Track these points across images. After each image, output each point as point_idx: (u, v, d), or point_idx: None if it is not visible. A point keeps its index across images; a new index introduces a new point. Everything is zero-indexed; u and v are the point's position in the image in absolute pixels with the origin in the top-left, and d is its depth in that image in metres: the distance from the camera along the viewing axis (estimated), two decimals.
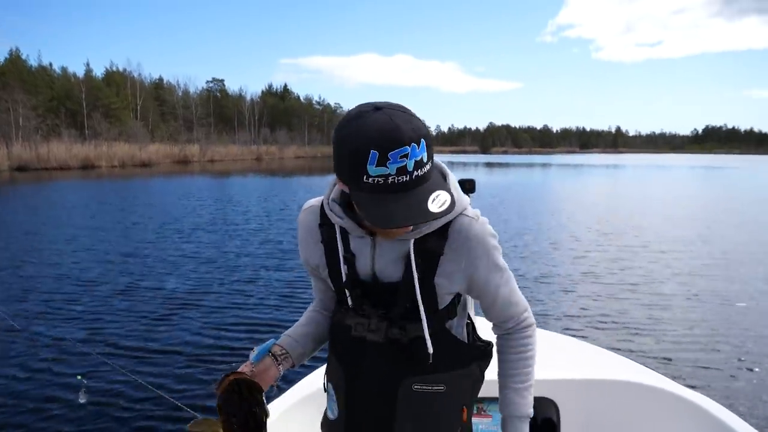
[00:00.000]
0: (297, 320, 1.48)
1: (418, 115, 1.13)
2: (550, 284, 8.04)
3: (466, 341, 1.39)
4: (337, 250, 1.29)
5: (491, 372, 1.43)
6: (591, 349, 3.03)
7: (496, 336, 1.44)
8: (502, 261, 1.31)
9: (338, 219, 1.26)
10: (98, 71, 74.52)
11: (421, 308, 1.24)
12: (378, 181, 1.05)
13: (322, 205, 1.33)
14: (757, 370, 5.05)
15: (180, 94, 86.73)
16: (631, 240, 12.00)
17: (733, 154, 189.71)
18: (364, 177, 1.05)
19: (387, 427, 1.32)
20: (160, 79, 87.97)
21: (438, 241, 1.23)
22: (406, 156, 1.04)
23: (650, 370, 2.65)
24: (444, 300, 1.28)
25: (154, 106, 76.48)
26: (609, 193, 27.90)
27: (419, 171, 1.07)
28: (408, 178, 1.05)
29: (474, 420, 2.32)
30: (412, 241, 1.22)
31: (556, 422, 2.50)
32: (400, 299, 1.25)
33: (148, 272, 8.73)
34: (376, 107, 1.08)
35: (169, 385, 4.65)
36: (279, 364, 1.34)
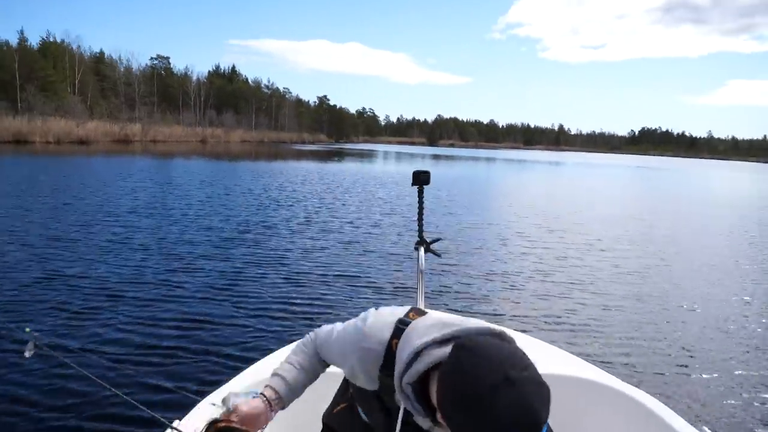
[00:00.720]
0: (232, 316, 1.55)
1: (367, 103, 1.07)
2: (496, 280, 8.22)
3: None
4: (390, 410, 1.30)
5: None
6: (534, 343, 3.08)
7: None
8: None
9: (407, 402, 1.20)
10: (33, 41, 70.73)
11: None
12: None
13: (386, 352, 1.26)
14: (695, 367, 5.34)
15: (122, 70, 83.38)
16: (574, 237, 12.46)
17: (666, 155, 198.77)
18: None
19: None
20: (101, 53, 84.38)
21: None
22: None
23: (591, 365, 2.69)
24: None
25: (94, 81, 73.21)
26: (552, 190, 28.87)
27: None
28: None
29: None
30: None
31: None
32: None
33: (75, 258, 8.16)
34: (508, 378, 0.96)
35: (93, 384, 4.69)
36: (272, 410, 1.34)
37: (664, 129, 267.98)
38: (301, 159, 44.70)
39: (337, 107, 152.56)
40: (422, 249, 2.89)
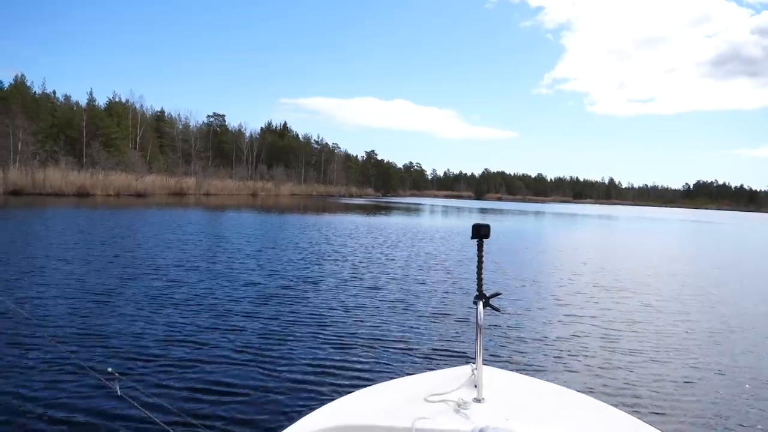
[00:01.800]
0: (265, 381, 1.46)
1: (414, 158, 1.09)
2: (554, 337, 7.94)
3: None
4: None
5: (490, 421, 1.27)
6: (595, 404, 2.95)
7: None
8: None
9: None
10: (101, 101, 75.25)
11: None
12: None
13: None
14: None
15: (180, 127, 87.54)
16: (633, 296, 11.95)
17: (724, 209, 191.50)
18: None
19: None
20: (162, 112, 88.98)
21: None
22: None
23: (653, 428, 2.57)
24: None
25: (154, 138, 76.99)
26: (605, 244, 27.95)
27: None
28: None
29: None
30: None
31: None
32: None
33: (109, 312, 8.16)
34: None
35: None
36: None
37: (720, 182, 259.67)
38: (349, 212, 45.12)
39: (384, 161, 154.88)
40: (481, 304, 2.79)
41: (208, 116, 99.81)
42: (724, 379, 6.45)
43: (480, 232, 2.86)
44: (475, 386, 2.68)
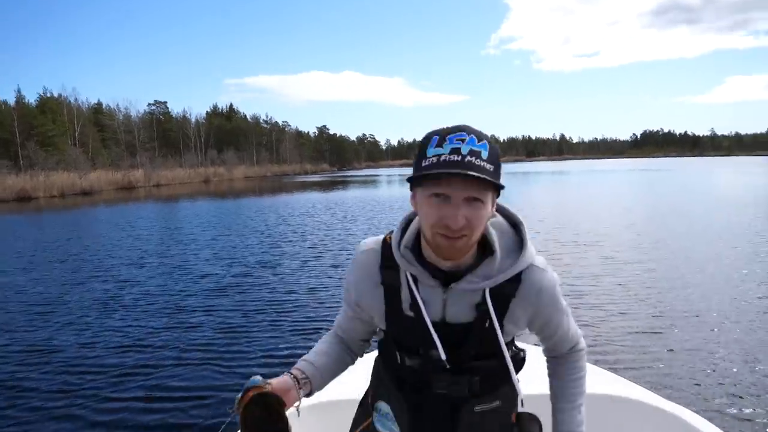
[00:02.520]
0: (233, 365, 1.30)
1: (366, 129, 1.08)
2: None
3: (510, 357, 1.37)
4: (399, 294, 1.31)
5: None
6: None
7: (547, 357, 1.56)
8: (564, 302, 1.39)
9: (410, 266, 1.29)
10: (31, 98, 71.56)
11: (505, 350, 1.31)
12: (432, 160, 1.13)
13: (382, 247, 1.35)
14: (739, 382, 4.99)
15: (121, 118, 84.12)
16: (595, 250, 12.03)
17: (670, 156, 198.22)
18: (423, 162, 1.15)
19: None
20: (99, 104, 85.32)
21: (511, 286, 1.28)
22: (462, 141, 1.14)
23: (632, 383, 2.62)
24: (507, 339, 1.33)
25: (94, 132, 73.74)
26: (560, 200, 28.38)
27: (473, 158, 1.12)
28: (459, 159, 1.12)
29: None
30: (487, 290, 1.26)
31: None
32: (471, 340, 1.29)
33: (66, 322, 7.73)
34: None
35: None
36: (300, 388, 1.31)
37: (666, 130, 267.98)
38: (305, 190, 44.48)
39: (337, 135, 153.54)
40: None
41: (149, 104, 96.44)
42: (689, 326, 6.47)
43: None
44: None
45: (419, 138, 1.28)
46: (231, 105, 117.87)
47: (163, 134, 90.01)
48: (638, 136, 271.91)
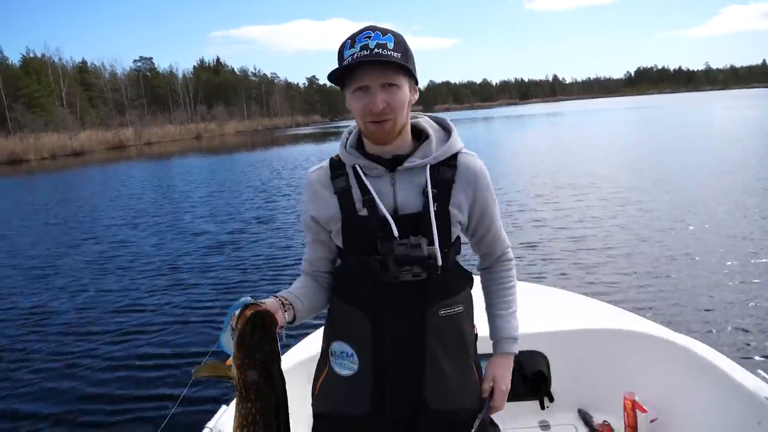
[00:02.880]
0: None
1: None
2: (525, 240, 8.04)
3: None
4: (351, 195, 1.42)
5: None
6: (576, 298, 3.04)
7: (480, 270, 1.64)
8: (495, 197, 1.52)
9: (356, 159, 1.43)
10: (14, 59, 69.96)
11: (433, 222, 1.37)
12: (348, 60, 1.30)
13: (329, 163, 1.50)
14: (739, 309, 5.13)
15: (107, 76, 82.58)
16: (591, 191, 12.03)
17: (665, 93, 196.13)
18: (342, 63, 1.32)
19: (419, 356, 1.43)
20: (84, 63, 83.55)
21: (449, 171, 1.42)
22: (369, 38, 1.30)
23: (637, 315, 2.62)
24: (455, 231, 1.44)
25: (81, 92, 72.45)
26: (554, 144, 28.24)
27: (380, 50, 1.28)
28: (368, 53, 1.28)
29: None
30: (428, 168, 1.40)
31: (547, 374, 2.53)
32: (419, 226, 1.37)
33: (62, 285, 7.76)
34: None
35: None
36: (284, 311, 1.35)
37: (660, 66, 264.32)
38: (298, 143, 44.13)
39: (328, 86, 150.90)
40: None
41: (135, 61, 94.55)
42: (692, 263, 6.57)
43: None
44: None
45: None
46: (218, 58, 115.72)
47: (151, 91, 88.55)
48: (632, 74, 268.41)
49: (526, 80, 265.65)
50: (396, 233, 1.36)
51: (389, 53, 1.28)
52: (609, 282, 6.08)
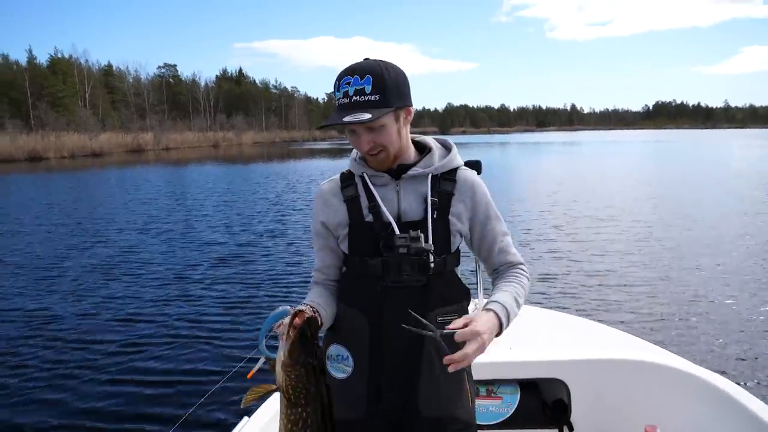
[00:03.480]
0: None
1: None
2: (548, 267, 8.13)
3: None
4: (359, 203, 1.51)
5: (495, 354, 1.58)
6: (598, 327, 3.01)
7: (492, 277, 1.62)
8: (499, 214, 1.58)
9: (364, 168, 1.53)
10: (42, 59, 71.36)
11: (430, 226, 1.46)
12: (335, 104, 1.42)
13: (341, 176, 1.60)
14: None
15: (131, 80, 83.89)
16: (614, 223, 12.01)
17: (682, 128, 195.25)
18: (335, 100, 1.43)
19: (416, 361, 1.49)
20: (109, 66, 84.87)
21: (449, 184, 1.53)
22: (348, 84, 1.38)
23: (659, 347, 2.61)
24: (455, 241, 1.52)
25: (104, 94, 73.67)
26: (572, 173, 28.11)
27: (359, 97, 1.37)
28: (348, 100, 1.38)
29: (484, 402, 2.46)
30: (429, 177, 1.51)
31: (567, 403, 2.50)
32: (422, 232, 1.44)
33: (67, 290, 7.63)
34: (365, 58, 1.44)
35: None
36: (318, 314, 1.41)
37: (678, 102, 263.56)
38: (314, 157, 44.36)
39: None
40: None
41: (159, 67, 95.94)
42: (716, 302, 6.48)
43: (471, 168, 2.70)
44: None
45: (429, 106, 1.56)
46: (240, 69, 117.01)
47: (173, 97, 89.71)
48: (650, 108, 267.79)
49: (544, 108, 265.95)
50: (397, 231, 1.45)
51: (367, 98, 1.37)
52: (629, 313, 6.12)
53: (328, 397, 1.26)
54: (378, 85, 1.37)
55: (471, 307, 2.46)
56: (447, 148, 1.61)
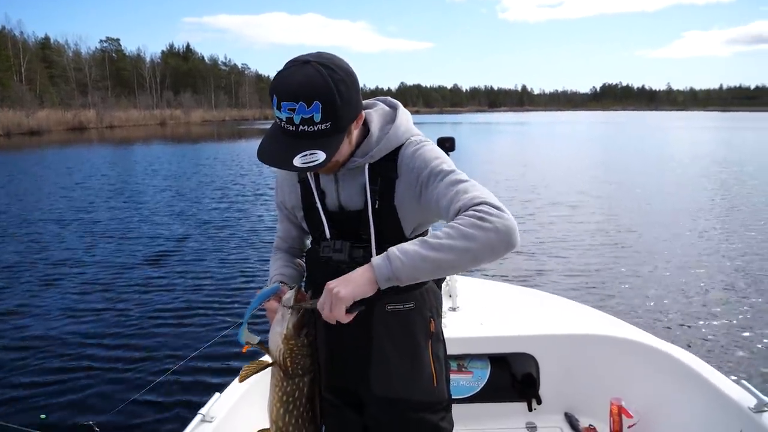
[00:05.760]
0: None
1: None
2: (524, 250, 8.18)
3: None
4: (311, 187, 1.45)
5: (466, 329, 1.60)
6: (567, 303, 3.08)
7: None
8: (446, 167, 1.32)
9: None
10: None
11: (371, 220, 1.38)
12: (276, 120, 1.27)
13: None
14: (715, 311, 5.43)
15: (71, 54, 79.95)
16: (561, 197, 12.43)
17: (628, 110, 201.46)
18: (275, 113, 1.26)
19: (365, 347, 1.47)
20: (47, 39, 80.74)
21: (391, 167, 1.38)
22: (293, 110, 1.21)
23: (626, 323, 2.67)
24: (408, 226, 1.40)
25: (41, 68, 69.90)
26: (524, 153, 28.55)
27: (307, 127, 1.22)
28: (293, 129, 1.23)
29: (455, 376, 2.39)
30: (367, 167, 1.38)
31: (535, 377, 2.58)
32: (362, 223, 1.38)
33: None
34: (306, 61, 1.23)
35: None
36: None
37: (624, 84, 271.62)
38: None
39: None
40: None
41: (101, 41, 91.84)
42: (676, 274, 6.72)
43: (445, 146, 2.67)
44: (450, 296, 2.80)
45: (383, 85, 1.36)
46: (188, 45, 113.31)
47: (116, 73, 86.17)
48: (598, 89, 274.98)
49: (496, 88, 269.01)
50: (328, 234, 1.44)
51: (316, 128, 1.22)
52: (593, 288, 6.33)
53: (319, 371, 1.33)
54: (328, 113, 1.22)
55: (444, 286, 2.42)
56: (390, 119, 1.44)
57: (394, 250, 1.20)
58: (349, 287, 1.20)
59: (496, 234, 1.14)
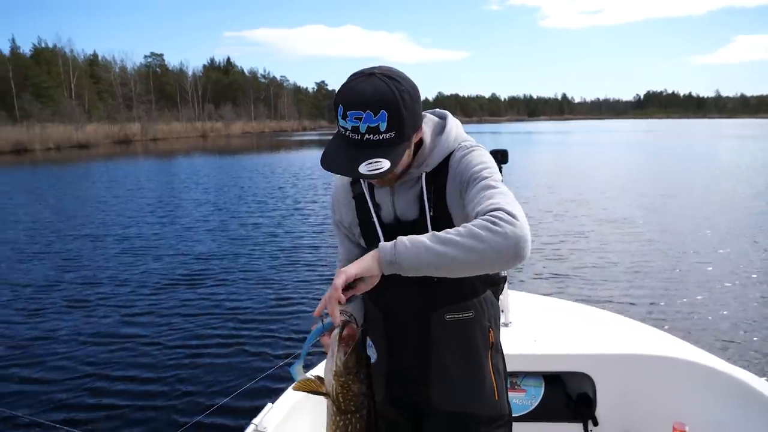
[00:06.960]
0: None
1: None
2: (564, 258, 8.06)
3: None
4: (366, 201, 1.47)
5: (519, 346, 1.57)
6: (623, 321, 2.97)
7: None
8: (485, 173, 1.31)
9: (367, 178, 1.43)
10: (26, 48, 69.96)
11: (429, 228, 1.36)
12: (341, 130, 1.27)
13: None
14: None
15: (117, 70, 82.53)
16: (602, 211, 12.02)
17: (672, 118, 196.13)
18: (339, 123, 1.27)
19: (425, 357, 1.49)
20: (95, 55, 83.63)
21: (443, 174, 1.41)
22: (360, 119, 1.23)
23: (688, 343, 2.57)
24: None
25: (90, 84, 72.43)
26: (566, 164, 27.91)
27: (372, 136, 1.24)
28: (359, 138, 1.25)
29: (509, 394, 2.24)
30: (423, 176, 1.41)
31: (592, 397, 2.47)
32: (418, 233, 1.26)
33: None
34: (371, 73, 1.27)
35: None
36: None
37: (669, 91, 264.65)
38: (303, 149, 43.76)
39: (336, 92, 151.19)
40: None
41: (146, 56, 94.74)
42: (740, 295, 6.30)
43: (497, 158, 2.54)
44: (502, 311, 2.65)
45: (422, 95, 1.39)
46: (228, 59, 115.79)
47: (160, 87, 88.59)
48: (641, 97, 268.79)
49: (535, 97, 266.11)
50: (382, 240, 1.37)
51: (381, 137, 1.24)
52: (651, 305, 6.04)
53: (374, 405, 1.31)
54: (394, 123, 1.24)
55: (502, 298, 2.31)
56: (440, 128, 1.46)
57: (403, 237, 1.20)
58: (355, 265, 1.20)
59: (504, 239, 1.12)
